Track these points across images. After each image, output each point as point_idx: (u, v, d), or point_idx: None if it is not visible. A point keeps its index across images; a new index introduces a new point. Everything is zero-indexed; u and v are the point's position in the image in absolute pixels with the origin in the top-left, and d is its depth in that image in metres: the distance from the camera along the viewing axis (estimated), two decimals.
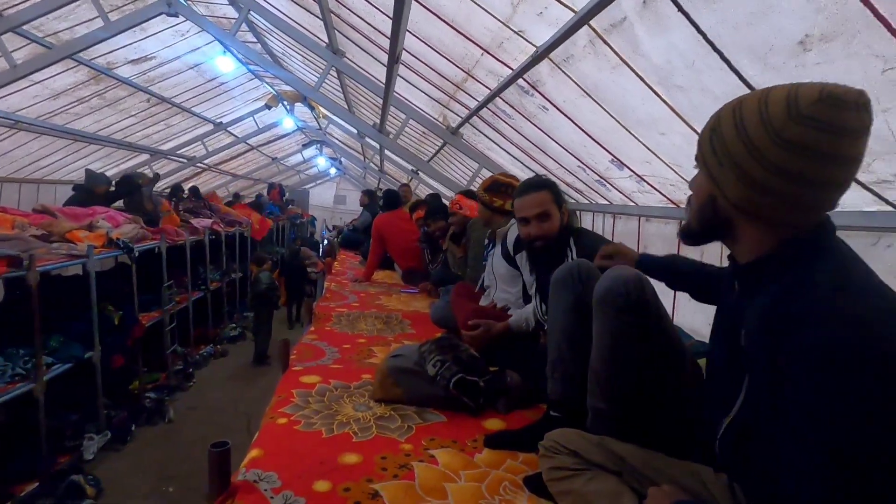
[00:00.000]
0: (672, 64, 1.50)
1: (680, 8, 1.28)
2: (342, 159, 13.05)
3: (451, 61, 2.88)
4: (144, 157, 7.41)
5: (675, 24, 1.33)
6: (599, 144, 2.29)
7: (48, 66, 3.64)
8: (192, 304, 5.39)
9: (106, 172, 5.81)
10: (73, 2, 3.31)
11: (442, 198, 5.02)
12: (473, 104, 3.20)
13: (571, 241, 1.67)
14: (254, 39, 5.89)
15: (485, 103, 2.97)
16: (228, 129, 8.04)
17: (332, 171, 15.66)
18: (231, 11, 4.68)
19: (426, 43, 2.86)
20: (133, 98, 5.57)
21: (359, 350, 2.19)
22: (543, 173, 3.11)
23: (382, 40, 3.07)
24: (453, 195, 3.51)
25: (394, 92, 3.60)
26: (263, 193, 10.81)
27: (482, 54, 2.50)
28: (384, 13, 2.74)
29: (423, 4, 2.37)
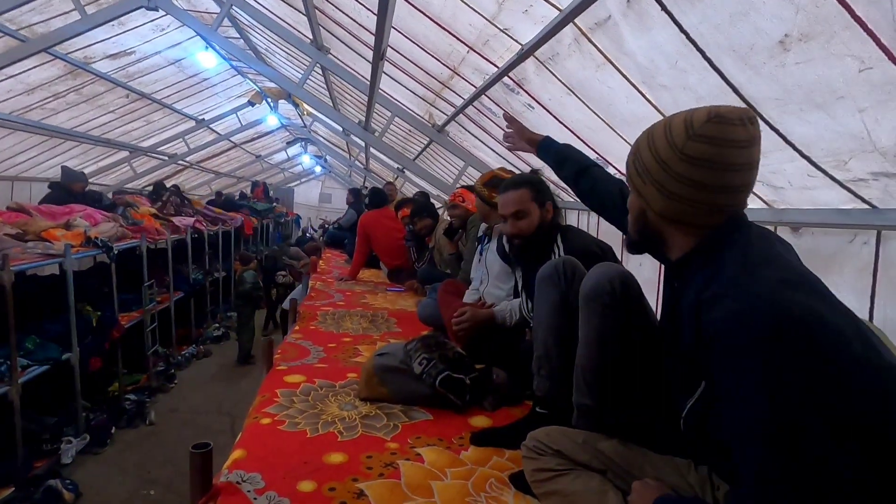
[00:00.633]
0: (656, 63, 1.52)
1: (664, 7, 1.29)
2: (327, 157, 12.94)
3: (436, 59, 2.87)
4: (124, 153, 7.24)
5: (658, 24, 1.34)
6: (584, 143, 2.31)
7: (22, 59, 3.53)
8: (174, 303, 5.30)
9: (84, 170, 5.65)
10: None
11: (429, 196, 5.01)
12: (459, 102, 3.19)
13: (559, 237, 1.67)
14: (236, 35, 5.81)
15: (471, 101, 2.97)
16: (211, 125, 7.90)
17: (318, 169, 15.52)
18: (213, 6, 4.61)
19: (412, 40, 2.85)
20: (112, 94, 5.43)
21: (344, 349, 2.18)
22: (529, 171, 3.13)
23: (367, 37, 3.05)
24: (440, 193, 3.49)
25: (379, 89, 3.57)
26: (246, 192, 10.67)
27: (468, 52, 2.50)
28: (369, 9, 2.72)
29: (408, 1, 2.35)
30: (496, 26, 2.07)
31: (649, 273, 2.14)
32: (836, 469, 0.63)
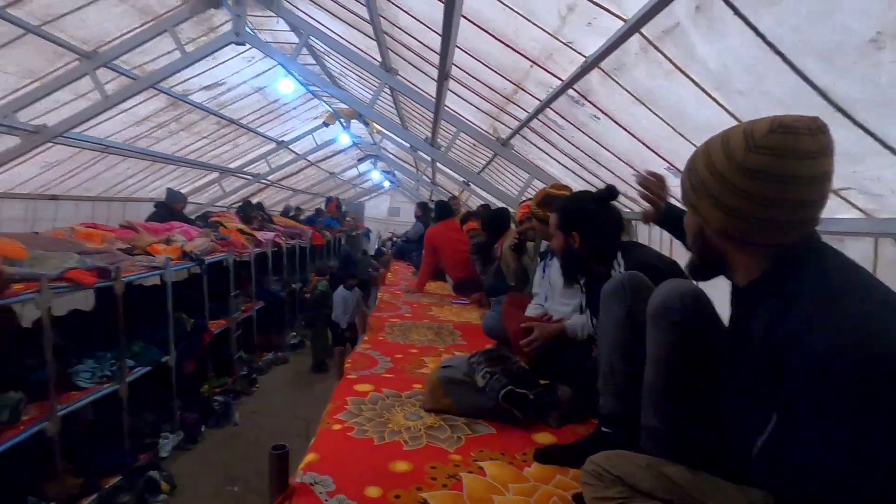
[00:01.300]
0: (729, 68, 1.45)
1: (736, 11, 1.23)
2: (395, 172, 13.37)
3: (500, 74, 2.91)
4: (214, 174, 7.96)
5: (731, 28, 1.29)
6: (654, 152, 2.23)
7: (133, 95, 4.03)
8: (256, 312, 5.69)
9: (181, 190, 6.29)
10: (155, 37, 3.65)
11: (491, 207, 5.02)
12: (524, 115, 3.20)
13: (619, 255, 1.62)
14: (313, 62, 6.21)
15: (535, 114, 2.97)
16: (289, 146, 8.49)
17: (386, 183, 16.06)
18: (292, 37, 4.97)
19: (475, 57, 2.91)
20: (205, 121, 6.02)
21: (410, 360, 2.24)
22: (596, 183, 3.06)
23: (433, 57, 3.15)
24: (508, 206, 3.48)
25: (444, 106, 3.67)
26: (322, 207, 11.26)
27: (531, 66, 2.51)
28: (434, 31, 2.82)
29: (471, 20, 2.41)
30: (559, 40, 2.07)
31: (722, 294, 2.00)
32: None
